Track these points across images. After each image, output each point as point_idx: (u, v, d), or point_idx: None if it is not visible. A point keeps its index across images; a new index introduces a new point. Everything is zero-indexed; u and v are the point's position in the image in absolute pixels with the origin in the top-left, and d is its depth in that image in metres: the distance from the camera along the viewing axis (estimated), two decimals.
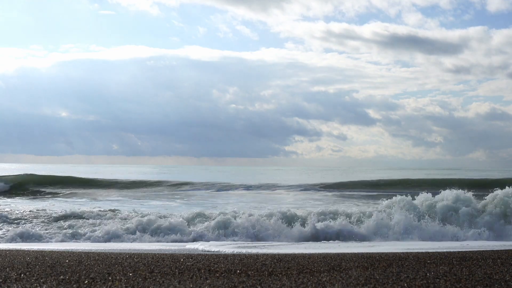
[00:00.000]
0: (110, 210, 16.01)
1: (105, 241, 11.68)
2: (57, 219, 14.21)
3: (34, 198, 26.03)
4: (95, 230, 12.40)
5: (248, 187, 31.07)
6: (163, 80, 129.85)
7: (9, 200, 24.48)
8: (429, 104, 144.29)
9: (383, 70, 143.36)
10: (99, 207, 17.41)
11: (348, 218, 12.65)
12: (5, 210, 16.24)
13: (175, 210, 17.70)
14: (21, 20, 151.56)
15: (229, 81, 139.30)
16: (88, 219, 14.06)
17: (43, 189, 30.09)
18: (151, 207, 19.59)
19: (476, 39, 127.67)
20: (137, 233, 12.06)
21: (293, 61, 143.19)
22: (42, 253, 7.78)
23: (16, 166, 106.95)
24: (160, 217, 13.18)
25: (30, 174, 36.59)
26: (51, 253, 7.84)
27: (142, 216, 13.26)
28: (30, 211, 15.68)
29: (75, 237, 12.12)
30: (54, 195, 27.69)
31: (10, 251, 8.20)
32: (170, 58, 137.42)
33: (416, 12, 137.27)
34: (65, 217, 14.37)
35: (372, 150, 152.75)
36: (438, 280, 5.17)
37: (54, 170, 51.30)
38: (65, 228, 12.92)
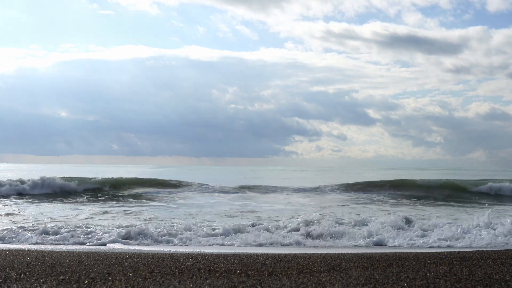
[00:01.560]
0: None
1: None
2: None
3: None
4: None
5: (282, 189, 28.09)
6: (163, 80, 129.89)
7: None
8: (429, 104, 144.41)
9: (382, 70, 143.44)
10: None
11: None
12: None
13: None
14: (20, 20, 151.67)
15: (228, 81, 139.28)
16: None
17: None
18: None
19: (476, 39, 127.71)
20: None
21: (292, 61, 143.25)
22: (42, 253, 7.78)
23: (16, 166, 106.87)
24: None
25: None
26: (51, 253, 7.84)
27: None
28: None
29: None
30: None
31: (10, 251, 8.19)
32: (169, 58, 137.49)
33: (416, 12, 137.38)
34: None
35: (372, 150, 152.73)
36: (438, 280, 5.18)
37: (65, 170, 49.78)
38: None
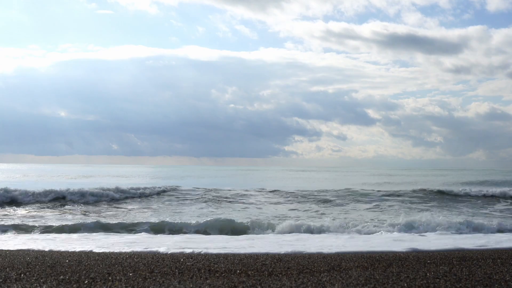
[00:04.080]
0: None
1: None
2: None
3: None
4: None
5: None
6: (162, 80, 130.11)
7: None
8: (429, 104, 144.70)
9: (382, 70, 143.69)
10: None
11: None
12: None
13: None
14: (19, 20, 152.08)
15: (228, 81, 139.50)
16: None
17: None
18: None
19: (475, 39, 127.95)
20: None
21: (292, 61, 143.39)
22: (42, 253, 7.78)
23: (16, 167, 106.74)
24: None
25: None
26: (51, 253, 7.84)
27: None
28: None
29: None
30: None
31: (10, 251, 8.19)
32: (169, 58, 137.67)
33: (416, 11, 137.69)
34: None
35: (372, 150, 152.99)
36: (438, 280, 5.18)
37: (64, 171, 49.01)
38: None
